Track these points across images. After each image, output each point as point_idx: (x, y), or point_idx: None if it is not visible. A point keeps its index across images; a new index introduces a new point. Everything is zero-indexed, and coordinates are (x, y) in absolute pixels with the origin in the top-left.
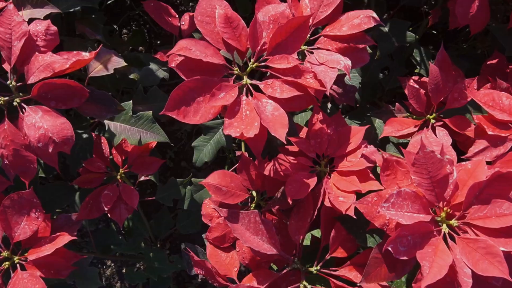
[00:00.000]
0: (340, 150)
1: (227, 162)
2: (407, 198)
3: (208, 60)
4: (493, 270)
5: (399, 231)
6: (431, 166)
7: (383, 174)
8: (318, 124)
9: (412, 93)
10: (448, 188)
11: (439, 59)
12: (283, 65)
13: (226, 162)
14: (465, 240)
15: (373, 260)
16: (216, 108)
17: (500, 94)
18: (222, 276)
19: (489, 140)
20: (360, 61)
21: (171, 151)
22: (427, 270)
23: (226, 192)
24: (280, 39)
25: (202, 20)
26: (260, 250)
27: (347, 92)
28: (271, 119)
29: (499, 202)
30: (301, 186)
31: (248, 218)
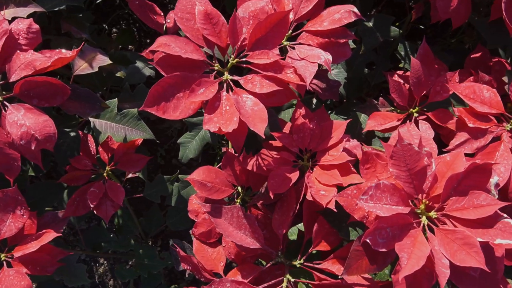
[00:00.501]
0: (322, 145)
1: (216, 159)
2: (386, 190)
3: (187, 56)
4: (470, 260)
5: (377, 223)
6: (408, 158)
7: (363, 167)
8: (301, 119)
9: (394, 87)
10: (427, 180)
11: (421, 53)
12: (263, 61)
13: (216, 159)
14: (444, 231)
15: (354, 253)
16: (196, 104)
17: (481, 87)
18: (209, 271)
19: (470, 133)
20: (342, 56)
21: (162, 149)
22: (405, 262)
23: (211, 188)
24: (260, 35)
25: (182, 16)
26: (243, 244)
27: (330, 87)
28: (251, 114)
29: (476, 193)
30: (283, 181)
31: (231, 212)
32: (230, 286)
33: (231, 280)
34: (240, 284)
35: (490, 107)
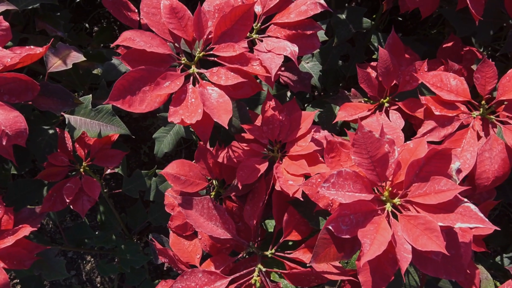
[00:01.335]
0: (291, 136)
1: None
2: (348, 178)
3: (152, 50)
4: (431, 244)
5: (339, 210)
6: (370, 146)
7: (328, 156)
8: (270, 111)
9: (362, 77)
10: (390, 167)
11: (389, 43)
12: (228, 53)
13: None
14: (407, 217)
15: (322, 241)
16: (162, 97)
17: (448, 75)
18: (185, 263)
19: (437, 121)
20: (310, 47)
21: (145, 146)
22: (368, 247)
23: (184, 181)
24: (225, 28)
25: (148, 11)
26: (213, 235)
27: (302, 80)
28: (216, 106)
29: (437, 179)
30: (252, 172)
31: (201, 204)
32: (202, 277)
33: (203, 270)
34: (212, 274)
35: (456, 95)
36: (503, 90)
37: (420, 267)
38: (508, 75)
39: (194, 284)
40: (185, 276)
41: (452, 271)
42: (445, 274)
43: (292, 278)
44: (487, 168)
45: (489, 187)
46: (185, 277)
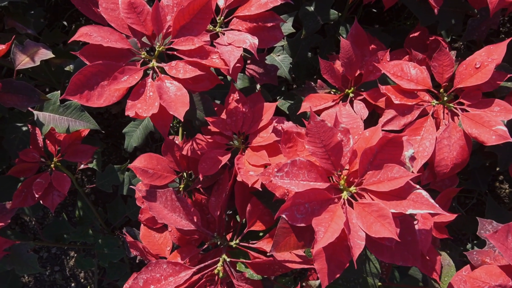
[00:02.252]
0: (253, 127)
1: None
2: (303, 167)
3: (109, 45)
4: (383, 231)
5: (292, 199)
6: (323, 134)
7: (285, 146)
8: (234, 103)
9: (325, 68)
10: (345, 156)
11: (352, 34)
12: (188, 47)
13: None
14: (361, 205)
15: (281, 230)
16: (120, 91)
17: (409, 64)
18: (155, 256)
19: (397, 109)
20: (273, 40)
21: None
22: (322, 235)
23: (152, 174)
24: (184, 22)
25: (107, 7)
26: (177, 226)
27: (268, 72)
28: (174, 99)
29: (390, 166)
30: (214, 163)
31: (165, 196)
32: (166, 268)
33: (167, 261)
34: (177, 265)
35: (416, 83)
36: (460, 78)
37: (376, 254)
38: (464, 63)
39: (159, 275)
40: (149, 267)
41: (408, 257)
42: (401, 260)
43: (255, 267)
44: (446, 155)
45: (448, 174)
46: (150, 268)
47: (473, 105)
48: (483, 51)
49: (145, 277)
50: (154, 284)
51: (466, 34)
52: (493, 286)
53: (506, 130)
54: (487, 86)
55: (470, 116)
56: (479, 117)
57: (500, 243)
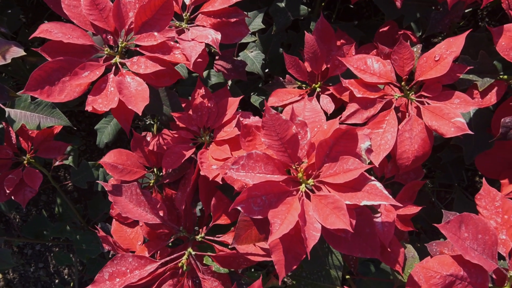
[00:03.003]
0: (218, 122)
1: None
2: (259, 160)
3: (70, 41)
4: (338, 222)
5: (248, 192)
6: (278, 127)
7: (244, 140)
8: (199, 98)
9: (290, 63)
10: (302, 148)
11: (318, 29)
12: (149, 43)
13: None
14: (318, 197)
15: (242, 223)
16: (82, 86)
17: (372, 58)
18: (125, 250)
19: (360, 103)
20: (238, 35)
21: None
22: (277, 227)
23: (122, 170)
24: (146, 18)
25: (69, 3)
26: (142, 220)
27: (236, 68)
28: (134, 94)
29: (345, 158)
30: (178, 158)
31: (130, 190)
32: (132, 261)
33: (133, 255)
34: (142, 258)
35: (379, 77)
36: (421, 71)
37: (333, 246)
38: (425, 56)
39: (125, 269)
40: (115, 261)
41: (367, 249)
42: (360, 252)
43: (220, 260)
44: (407, 148)
45: (410, 167)
46: (116, 261)
47: (434, 97)
48: (443, 44)
49: (111, 270)
50: (120, 277)
51: (429, 27)
52: (444, 276)
53: (464, 122)
54: (447, 79)
55: (430, 108)
56: (439, 110)
57: (452, 233)
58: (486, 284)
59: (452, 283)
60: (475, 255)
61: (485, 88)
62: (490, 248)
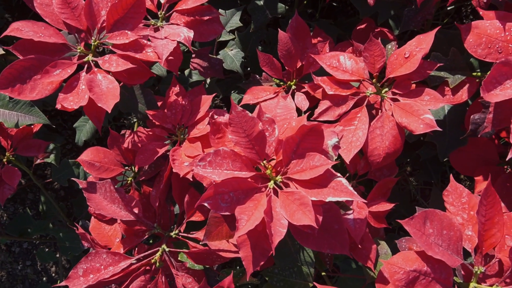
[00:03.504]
0: (192, 119)
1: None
2: (227, 156)
3: (41, 39)
4: (304, 219)
5: (214, 188)
6: (245, 124)
7: (214, 137)
8: (174, 96)
9: (264, 61)
10: (270, 145)
11: (292, 26)
12: (122, 41)
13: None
14: (285, 193)
15: (213, 220)
16: (53, 84)
17: (345, 56)
18: (103, 247)
19: (332, 100)
20: (212, 33)
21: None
22: (244, 223)
23: (99, 167)
24: (118, 16)
25: (41, 2)
26: (116, 217)
27: (212, 66)
28: (105, 92)
29: (312, 155)
30: (151, 155)
31: (104, 187)
32: (106, 257)
33: (107, 251)
34: (116, 255)
35: (351, 74)
36: (392, 68)
37: (301, 242)
38: (395, 53)
39: (99, 265)
40: (89, 257)
41: (336, 245)
42: (328, 248)
43: (194, 257)
44: (378, 145)
45: (381, 164)
46: (90, 258)
47: (405, 94)
48: (414, 41)
49: (85, 267)
50: (94, 273)
51: (402, 25)
52: (407, 271)
53: (432, 118)
54: (417, 76)
55: (401, 105)
56: (409, 107)
57: (416, 229)
58: (450, 279)
59: (416, 278)
60: (439, 251)
61: (456, 85)
62: (455, 243)
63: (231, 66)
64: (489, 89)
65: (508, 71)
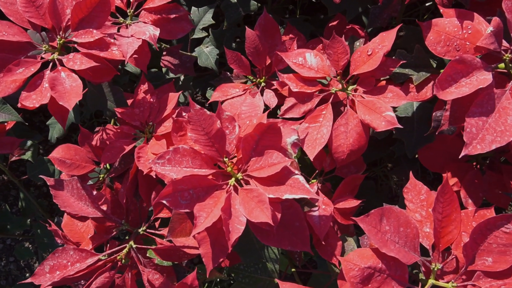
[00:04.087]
0: (159, 117)
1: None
2: (186, 154)
3: (3, 38)
4: (262, 216)
5: (173, 185)
6: (203, 122)
7: (176, 134)
8: (142, 94)
9: (232, 58)
10: (231, 143)
11: (261, 24)
12: (86, 39)
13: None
14: (245, 191)
15: (176, 216)
16: (17, 83)
17: (311, 53)
18: (75, 243)
19: (297, 97)
20: (180, 31)
21: (75, 135)
22: (202, 220)
23: (70, 165)
24: (83, 15)
25: (6, 1)
26: (83, 214)
27: (183, 63)
28: (68, 90)
29: (270, 152)
30: (117, 152)
31: (71, 185)
32: (73, 254)
33: (74, 248)
34: (83, 251)
35: (316, 71)
36: (355, 65)
37: (261, 239)
38: (359, 50)
39: (66, 261)
40: (56, 254)
41: (297, 242)
42: (289, 245)
43: (160, 253)
44: (342, 142)
45: (346, 161)
46: (57, 254)
47: (368, 91)
48: (377, 38)
49: (52, 263)
50: (60, 270)
51: (369, 22)
52: (362, 268)
53: (394, 116)
54: (380, 73)
55: (364, 102)
56: (371, 104)
57: (372, 226)
58: (405, 276)
59: (371, 275)
60: (395, 248)
61: (420, 82)
62: (412, 240)
63: (206, 63)
64: (444, 87)
65: (463, 69)
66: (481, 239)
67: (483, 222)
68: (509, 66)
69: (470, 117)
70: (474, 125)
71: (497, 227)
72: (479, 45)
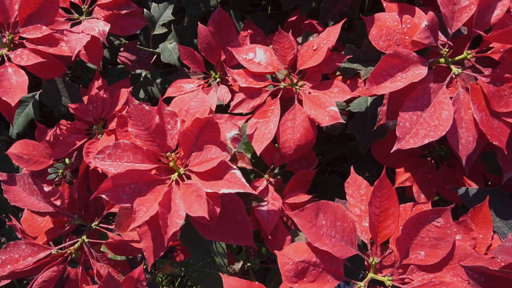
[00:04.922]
0: (111, 113)
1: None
2: (127, 149)
3: None
4: (199, 210)
5: (112, 180)
6: (143, 117)
7: (120, 130)
8: (95, 90)
9: (185, 54)
10: (173, 138)
11: (215, 19)
12: (35, 35)
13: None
14: (185, 185)
15: (123, 211)
16: None
17: (262, 49)
18: (33, 238)
19: (246, 93)
20: (133, 27)
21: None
22: (141, 214)
23: (28, 160)
24: (31, 11)
25: None
26: (34, 209)
27: (140, 59)
28: (14, 86)
29: (209, 147)
30: (68, 148)
31: (22, 180)
32: (25, 248)
33: (26, 242)
34: (35, 246)
35: (265, 67)
36: (302, 60)
37: (203, 233)
38: (305, 45)
39: (18, 256)
40: (8, 248)
41: (240, 236)
42: (232, 239)
43: (111, 248)
44: (289, 137)
45: (293, 156)
46: (8, 249)
47: (315, 86)
48: (324, 33)
49: (4, 258)
50: (12, 264)
51: (320, 17)
52: (296, 262)
53: (337, 111)
54: (327, 68)
55: (310, 97)
56: (317, 99)
57: (307, 221)
58: (340, 270)
59: (306, 269)
60: (330, 242)
61: (367, 77)
62: (349, 235)
63: (169, 59)
64: (378, 81)
65: (399, 63)
66: (414, 233)
67: (415, 216)
68: (448, 60)
69: (404, 112)
70: (407, 119)
71: (428, 221)
72: (415, 40)
